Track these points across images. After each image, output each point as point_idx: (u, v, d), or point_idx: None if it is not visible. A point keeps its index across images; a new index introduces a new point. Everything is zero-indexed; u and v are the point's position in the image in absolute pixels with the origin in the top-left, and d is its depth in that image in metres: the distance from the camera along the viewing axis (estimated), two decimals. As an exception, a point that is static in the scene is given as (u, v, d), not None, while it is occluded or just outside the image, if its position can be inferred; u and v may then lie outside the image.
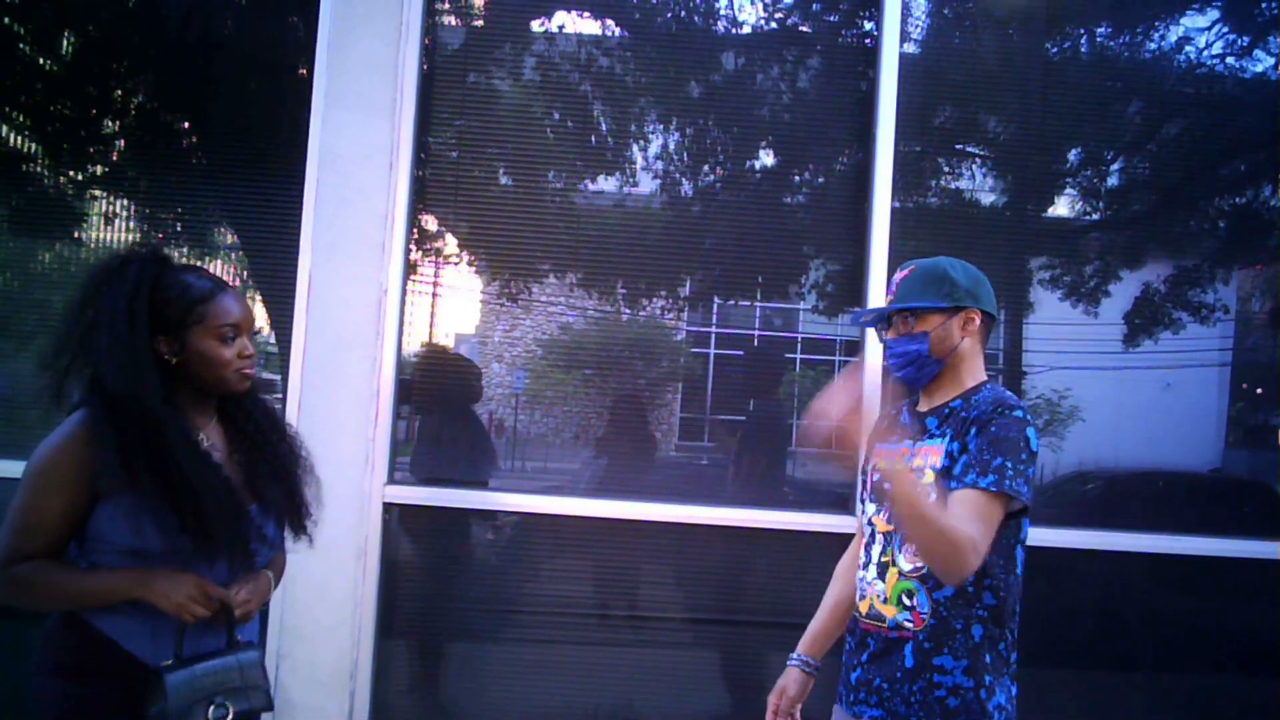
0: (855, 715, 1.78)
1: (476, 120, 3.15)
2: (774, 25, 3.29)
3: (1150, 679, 3.10)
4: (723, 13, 3.29)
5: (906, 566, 1.74)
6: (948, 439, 1.73)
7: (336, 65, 2.96)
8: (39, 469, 1.55)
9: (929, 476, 1.71)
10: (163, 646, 1.58)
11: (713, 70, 3.24)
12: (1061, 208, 3.37)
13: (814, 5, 3.28)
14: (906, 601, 1.73)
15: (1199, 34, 3.30)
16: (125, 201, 3.27)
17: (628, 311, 3.18)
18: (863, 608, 1.82)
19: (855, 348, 3.07)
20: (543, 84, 3.21)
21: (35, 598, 1.56)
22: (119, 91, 3.40)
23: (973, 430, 1.69)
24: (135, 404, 1.53)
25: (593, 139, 3.22)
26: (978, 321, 1.81)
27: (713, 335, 3.25)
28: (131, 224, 3.25)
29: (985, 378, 1.85)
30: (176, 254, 3.17)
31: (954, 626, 1.69)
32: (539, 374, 3.21)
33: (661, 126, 3.23)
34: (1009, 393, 1.78)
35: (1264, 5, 3.35)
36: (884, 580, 1.77)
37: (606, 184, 3.23)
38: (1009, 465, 1.63)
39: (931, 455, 1.74)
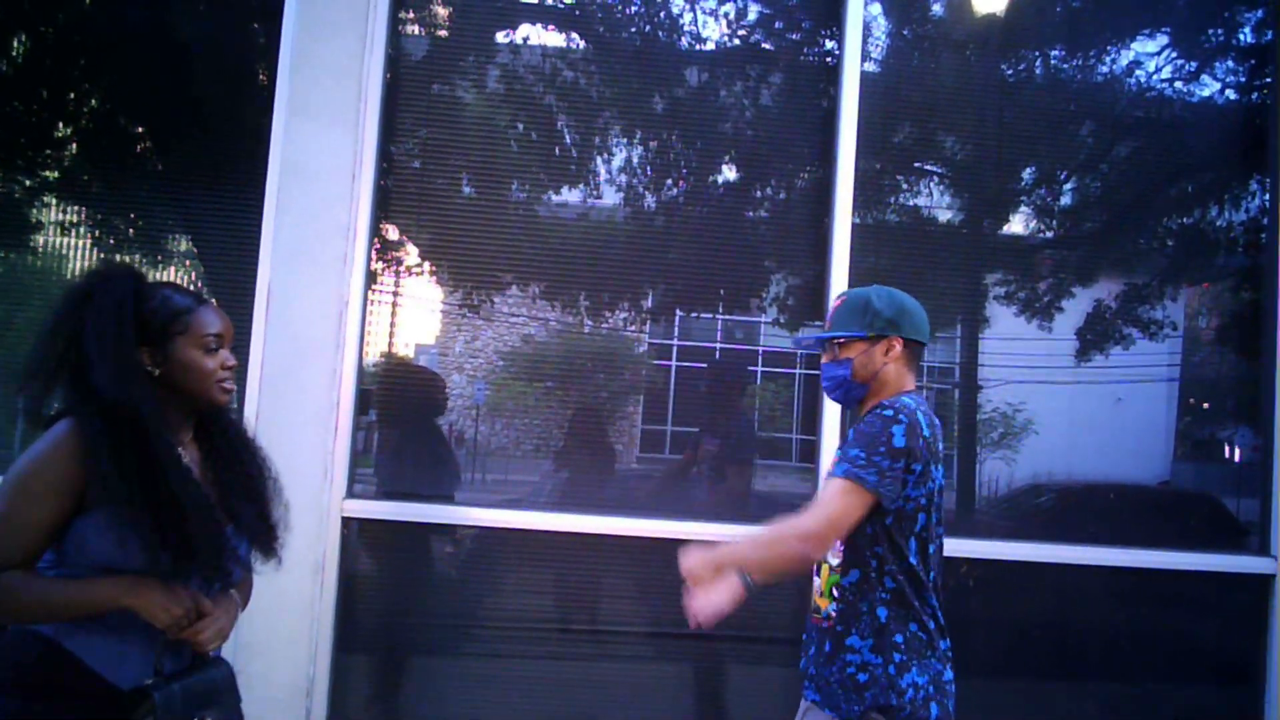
0: (806, 699, 1.97)
1: (440, 131, 3.14)
2: (737, 42, 3.33)
3: (1100, 689, 3.16)
4: (687, 29, 3.32)
5: (833, 561, 1.92)
6: None
7: (300, 73, 2.94)
8: (23, 477, 1.51)
9: None
10: (130, 666, 1.54)
11: (676, 85, 3.26)
12: (1017, 225, 3.44)
13: (776, 23, 3.33)
14: (835, 593, 1.90)
15: (1149, 59, 3.40)
16: (79, 207, 3.21)
17: (590, 323, 3.19)
18: (811, 602, 2.02)
19: (814, 361, 3.10)
20: (507, 95, 3.21)
21: (11, 608, 1.52)
22: (73, 94, 3.35)
23: (853, 429, 1.91)
24: (128, 410, 1.51)
25: (556, 151, 3.23)
26: (899, 348, 1.96)
27: (674, 348, 3.27)
28: (86, 230, 3.19)
29: (905, 389, 1.98)
30: (132, 262, 3.13)
31: (860, 609, 1.85)
32: (500, 385, 3.21)
33: (625, 140, 3.25)
34: (906, 399, 1.90)
35: (1211, 32, 3.46)
36: (819, 576, 1.97)
37: (570, 196, 3.24)
38: (862, 455, 1.80)
39: None
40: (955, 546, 1.98)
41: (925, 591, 1.87)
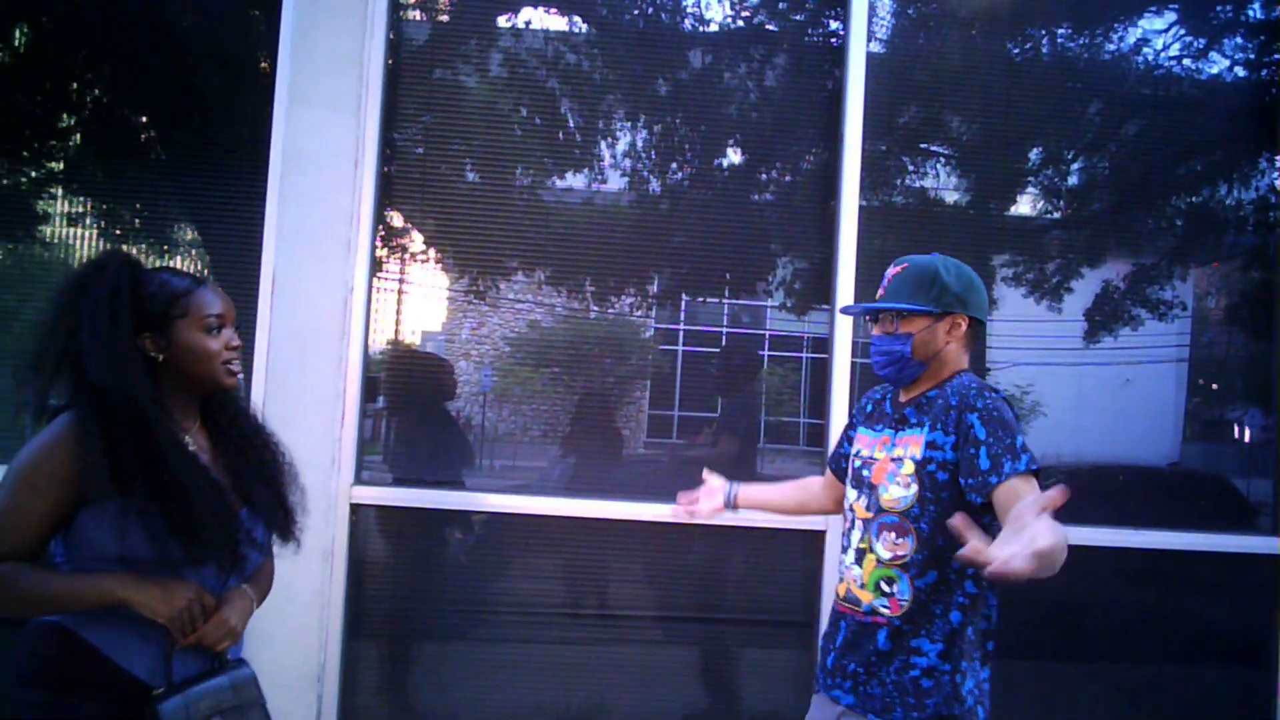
0: (833, 699, 1.81)
1: (443, 116, 3.12)
2: (741, 23, 3.30)
3: (1109, 670, 3.15)
4: (690, 10, 3.29)
5: (885, 555, 1.75)
6: (926, 429, 1.75)
7: (300, 60, 2.92)
8: (23, 468, 1.50)
9: (909, 467, 1.75)
10: (154, 660, 1.53)
11: (680, 68, 3.24)
12: (1024, 206, 3.41)
13: (780, 3, 3.30)
14: (885, 588, 1.74)
15: (1157, 36, 3.36)
16: (83, 198, 3.20)
17: (596, 309, 3.17)
18: (840, 590, 1.85)
19: (823, 344, 3.09)
20: (510, 80, 3.19)
21: (9, 599, 1.51)
22: (75, 85, 3.33)
23: (972, 419, 1.69)
24: (123, 400, 1.50)
25: (560, 135, 3.21)
26: (964, 327, 1.80)
27: (681, 332, 3.26)
28: (89, 220, 3.18)
29: (961, 371, 1.86)
30: (136, 251, 3.12)
31: (934, 611, 1.71)
32: (507, 372, 3.20)
33: (629, 124, 3.23)
34: (978, 378, 1.80)
35: (1219, 9, 3.42)
36: (861, 566, 1.79)
37: (574, 181, 3.22)
38: (1025, 442, 1.67)
39: (912, 446, 1.76)
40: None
41: (993, 591, 1.75)
